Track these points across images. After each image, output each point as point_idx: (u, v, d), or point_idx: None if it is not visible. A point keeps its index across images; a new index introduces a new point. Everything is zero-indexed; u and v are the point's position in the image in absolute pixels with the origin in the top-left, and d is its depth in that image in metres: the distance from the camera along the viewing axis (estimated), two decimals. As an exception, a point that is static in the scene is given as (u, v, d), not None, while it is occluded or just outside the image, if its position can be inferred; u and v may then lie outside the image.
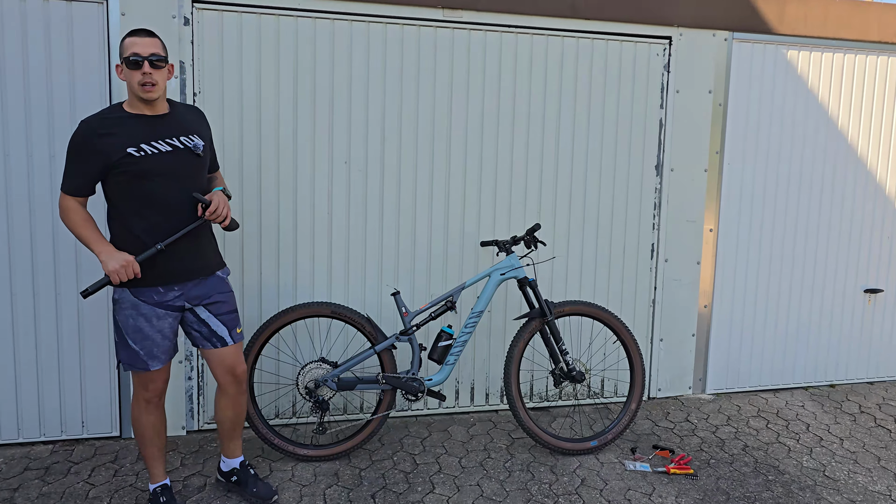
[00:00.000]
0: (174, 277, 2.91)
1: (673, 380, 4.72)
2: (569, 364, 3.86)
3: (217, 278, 3.07)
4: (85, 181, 2.81)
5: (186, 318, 3.03)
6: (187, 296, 2.96)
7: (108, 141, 2.74)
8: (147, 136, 2.80)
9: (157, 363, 2.94)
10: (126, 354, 2.93)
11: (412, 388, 3.73)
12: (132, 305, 2.86)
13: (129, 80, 2.79)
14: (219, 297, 3.06)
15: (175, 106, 2.99)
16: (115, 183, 2.80)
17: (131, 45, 2.77)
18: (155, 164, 2.79)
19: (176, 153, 2.86)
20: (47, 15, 3.56)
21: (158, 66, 2.80)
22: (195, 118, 3.05)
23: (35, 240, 3.66)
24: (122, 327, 2.90)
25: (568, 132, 4.33)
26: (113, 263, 2.75)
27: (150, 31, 2.85)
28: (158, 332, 2.91)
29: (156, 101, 2.84)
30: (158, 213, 2.83)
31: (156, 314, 2.89)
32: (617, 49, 4.36)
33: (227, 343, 3.08)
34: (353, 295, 4.11)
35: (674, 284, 4.62)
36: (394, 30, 4.00)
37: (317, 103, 3.94)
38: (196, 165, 2.95)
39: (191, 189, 2.91)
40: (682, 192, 4.56)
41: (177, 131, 2.90)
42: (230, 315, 3.10)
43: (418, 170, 4.12)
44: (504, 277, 3.85)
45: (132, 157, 2.76)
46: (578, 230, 4.42)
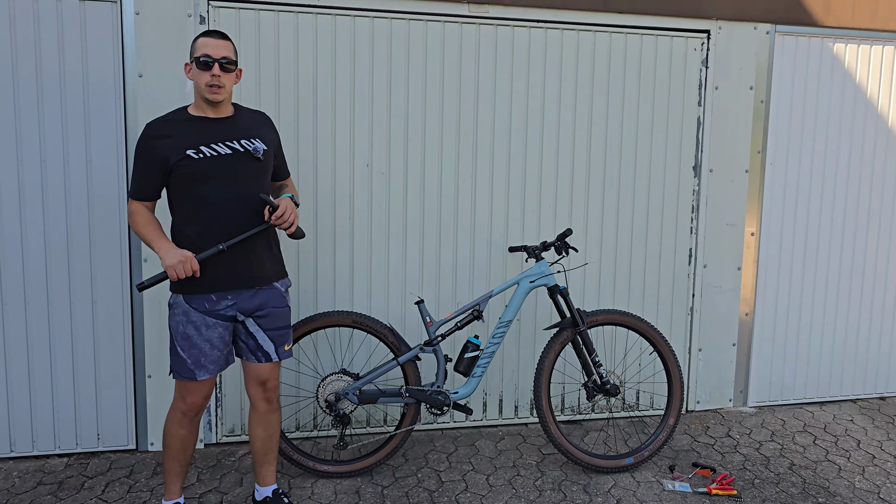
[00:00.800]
0: (226, 285, 2.80)
1: (712, 392, 4.48)
2: (602, 376, 3.65)
3: (274, 290, 2.94)
4: (148, 184, 2.77)
5: (237, 328, 2.92)
6: (241, 307, 2.85)
7: (167, 143, 2.71)
8: (207, 138, 2.75)
9: (203, 373, 2.82)
10: (174, 361, 2.85)
11: (437, 401, 3.55)
12: (183, 312, 2.78)
13: (196, 80, 2.75)
14: (272, 310, 2.93)
15: (240, 110, 2.93)
16: (175, 186, 2.76)
17: (203, 46, 2.73)
18: (212, 167, 2.73)
19: (235, 156, 2.78)
20: (60, 15, 3.45)
21: (228, 69, 2.77)
22: (260, 122, 2.98)
23: (49, 247, 3.55)
24: (173, 333, 2.82)
25: (600, 132, 4.12)
26: (171, 258, 2.67)
27: (224, 34, 2.80)
28: (207, 341, 2.80)
29: (220, 103, 2.79)
30: (213, 216, 2.75)
31: (205, 323, 2.79)
32: (652, 44, 4.14)
33: (272, 359, 2.96)
34: (375, 303, 3.94)
35: (713, 291, 4.38)
36: (417, 26, 3.83)
37: (337, 104, 3.78)
38: (256, 169, 2.85)
39: (249, 193, 2.82)
40: (721, 193, 4.32)
41: (238, 134, 2.82)
42: (280, 331, 2.97)
43: (443, 172, 3.95)
44: (534, 285, 3.65)
45: (190, 158, 2.71)
46: (612, 235, 4.21)
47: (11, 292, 3.54)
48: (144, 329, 3.67)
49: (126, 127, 3.56)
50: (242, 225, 2.78)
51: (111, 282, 3.63)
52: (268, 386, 2.99)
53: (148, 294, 3.64)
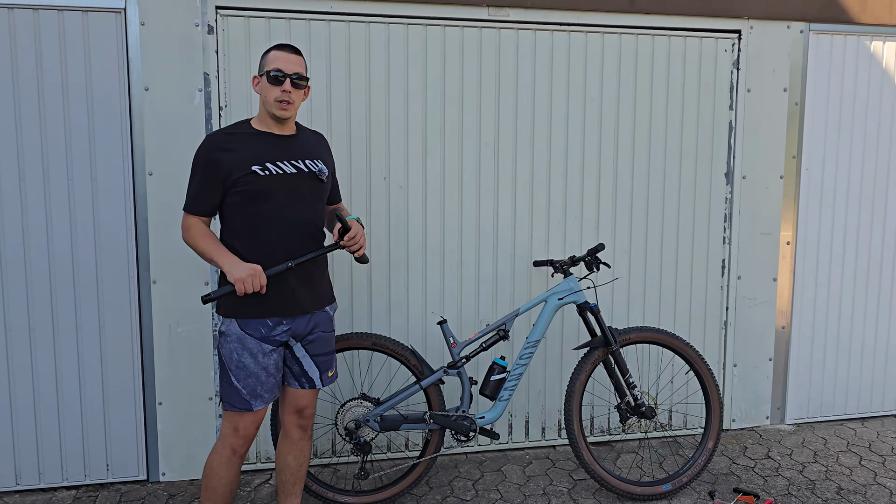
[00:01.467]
0: (287, 310, 2.66)
1: (749, 409, 4.26)
2: (637, 398, 3.46)
3: (325, 314, 2.82)
4: (207, 199, 2.62)
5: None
6: (294, 331, 2.72)
7: (231, 157, 2.58)
8: (272, 156, 2.62)
9: (259, 402, 2.67)
10: (227, 391, 2.68)
11: (463, 427, 3.36)
12: (238, 339, 2.62)
13: (265, 94, 2.63)
14: (320, 334, 2.80)
15: (302, 129, 2.82)
16: (233, 202, 2.61)
17: (275, 60, 2.62)
18: (277, 185, 2.60)
19: (300, 176, 2.67)
20: (62, 26, 3.29)
21: (299, 85, 2.65)
22: (320, 144, 2.87)
23: (53, 269, 3.39)
24: (226, 362, 2.66)
25: (627, 138, 3.93)
26: (239, 271, 2.52)
27: (296, 49, 2.69)
28: (263, 369, 2.65)
29: (287, 120, 2.68)
30: (270, 235, 2.62)
31: (262, 350, 2.64)
32: (680, 45, 3.95)
33: (316, 386, 2.82)
34: (395, 324, 3.76)
35: (748, 304, 4.17)
36: (435, 32, 3.65)
37: (352, 114, 3.61)
38: (318, 191, 2.75)
39: (308, 215, 2.70)
40: (755, 201, 4.11)
41: (302, 154, 2.71)
42: (327, 357, 2.84)
43: (464, 184, 3.76)
44: (562, 302, 3.46)
45: (255, 175, 2.57)
46: (640, 246, 4.01)
47: (15, 317, 3.38)
48: (154, 354, 3.50)
49: (132, 143, 3.40)
50: (299, 247, 2.66)
51: (119, 305, 3.47)
52: (305, 413, 2.84)
53: (158, 318, 3.47)
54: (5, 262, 3.34)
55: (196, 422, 3.55)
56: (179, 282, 3.47)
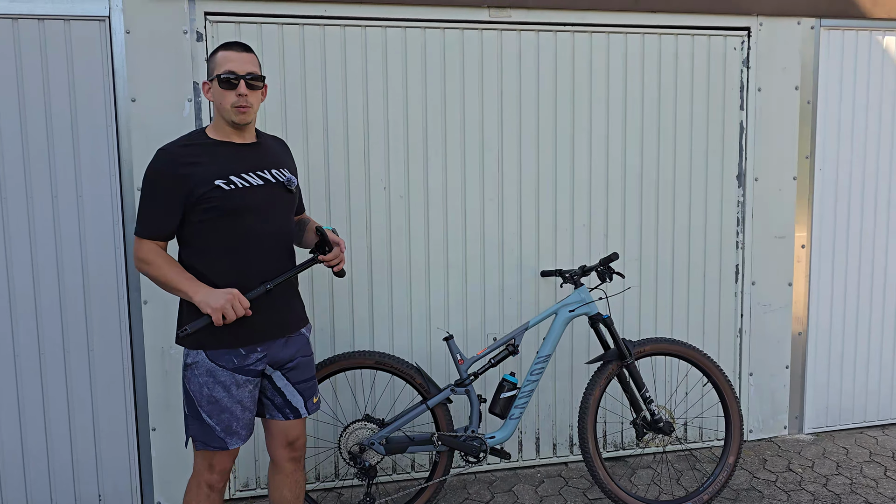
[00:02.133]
0: (259, 336, 2.44)
1: (766, 419, 4.11)
2: (654, 413, 3.30)
3: (302, 338, 2.61)
4: (167, 220, 2.36)
5: (262, 383, 2.55)
6: (271, 359, 2.49)
7: (192, 171, 2.33)
8: (237, 167, 2.39)
9: (236, 440, 2.45)
10: (199, 430, 2.43)
11: (473, 448, 3.20)
12: (208, 372, 2.39)
13: (219, 100, 2.38)
14: (301, 361, 2.58)
15: (263, 135, 2.59)
16: (196, 221, 2.36)
17: (225, 61, 2.37)
18: (245, 199, 2.38)
19: (268, 187, 2.45)
20: (43, 36, 3.13)
21: (255, 86, 2.40)
22: (284, 151, 2.66)
23: (39, 292, 3.22)
24: (195, 398, 2.41)
25: (635, 141, 3.78)
26: (216, 300, 2.28)
27: (247, 46, 2.44)
28: (238, 402, 2.42)
29: (247, 127, 2.45)
30: (242, 256, 2.40)
31: (235, 381, 2.41)
32: (688, 44, 3.80)
33: (301, 415, 2.59)
34: (398, 341, 3.59)
35: (763, 310, 4.02)
36: (434, 35, 3.50)
37: (349, 121, 3.45)
38: (288, 203, 2.54)
39: (281, 230, 2.50)
40: (768, 204, 3.97)
41: (268, 163, 2.49)
42: (309, 383, 2.62)
43: (467, 192, 3.61)
44: (573, 315, 3.31)
45: (220, 190, 2.34)
46: (651, 253, 3.86)
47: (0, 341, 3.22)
48: (147, 378, 3.33)
49: (119, 158, 3.24)
50: (276, 265, 2.46)
51: (108, 327, 3.30)
52: (297, 445, 2.62)
53: (149, 340, 3.30)
54: (-13, 285, 3.18)
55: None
56: (172, 302, 3.28)
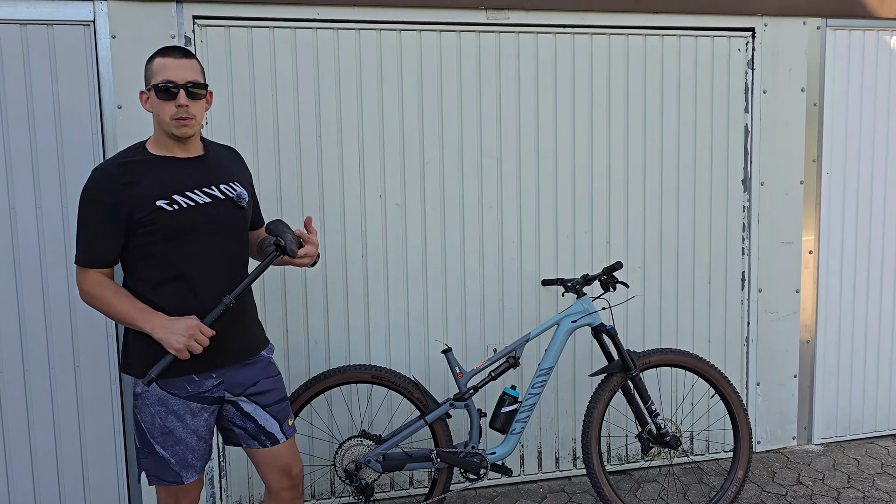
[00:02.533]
0: (214, 360, 2.25)
1: (774, 430, 4.00)
2: (660, 427, 3.19)
3: (263, 360, 2.41)
4: (107, 247, 2.18)
5: (225, 412, 2.37)
6: (228, 384, 2.30)
7: (130, 192, 2.13)
8: (181, 185, 2.20)
9: (192, 473, 2.28)
10: (152, 463, 2.26)
11: (473, 465, 3.09)
12: (159, 401, 2.21)
13: (158, 112, 2.19)
14: (266, 383, 2.38)
15: (210, 146, 2.38)
16: (138, 246, 2.18)
17: (162, 69, 2.17)
18: (191, 220, 2.19)
19: (216, 205, 2.25)
20: (25, 41, 3.03)
21: (197, 95, 2.20)
22: (235, 161, 2.45)
23: (23, 308, 3.11)
24: (147, 429, 2.23)
25: (638, 145, 3.68)
26: (177, 334, 2.10)
27: (186, 51, 2.24)
28: (193, 432, 2.25)
29: (190, 139, 2.25)
30: (191, 282, 2.21)
31: (189, 410, 2.23)
32: (691, 45, 3.70)
33: (279, 440, 2.40)
34: (395, 354, 3.49)
35: (770, 318, 3.92)
36: (430, 38, 3.40)
37: (343, 127, 3.35)
38: (240, 220, 2.34)
39: (234, 251, 2.32)
40: (774, 209, 3.87)
41: (216, 178, 2.29)
42: (281, 405, 2.42)
43: (465, 198, 3.50)
44: (576, 325, 3.20)
45: (163, 211, 2.15)
46: (655, 261, 3.75)
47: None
48: (135, 394, 3.22)
49: (105, 166, 3.13)
50: (230, 287, 2.24)
51: (96, 342, 3.19)
52: (293, 472, 2.44)
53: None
54: (-31, 300, 3.07)
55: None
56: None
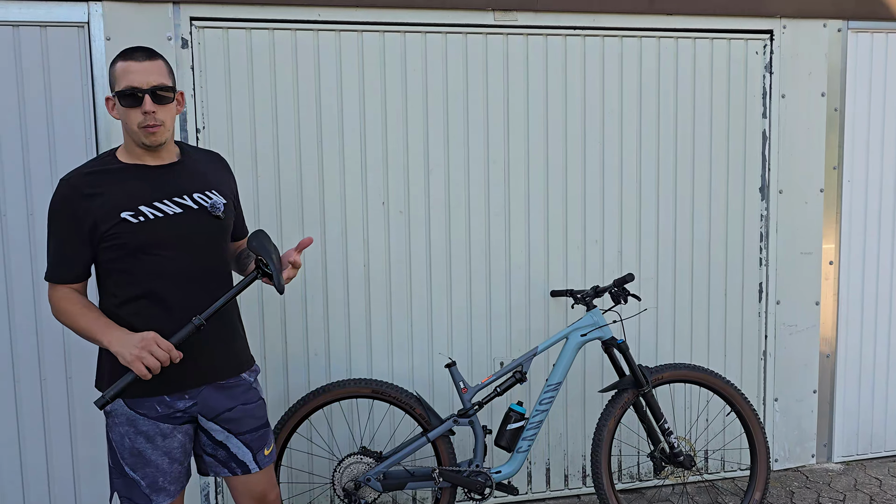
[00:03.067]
0: (187, 380, 2.12)
1: (792, 447, 3.85)
2: (673, 446, 3.06)
3: (243, 384, 2.26)
4: (74, 261, 2.07)
5: (198, 437, 2.25)
6: (202, 406, 2.17)
7: (95, 204, 2.01)
8: (149, 195, 2.06)
9: (164, 497, 2.15)
10: (122, 485, 2.14)
11: (477, 484, 2.97)
12: (128, 421, 2.09)
13: (124, 119, 2.04)
14: (242, 409, 2.23)
15: (186, 151, 2.24)
16: (106, 260, 2.06)
17: (125, 74, 2.02)
18: (159, 232, 2.05)
19: (188, 215, 2.11)
20: (17, 43, 2.94)
21: (164, 98, 2.05)
22: (215, 167, 2.30)
23: (13, 314, 3.01)
24: (117, 449, 2.12)
25: (651, 153, 3.55)
26: (129, 348, 1.93)
27: (151, 51, 2.09)
28: (165, 454, 2.13)
29: (161, 145, 2.10)
30: (167, 299, 2.07)
31: (160, 432, 2.11)
32: (707, 49, 3.57)
33: (250, 469, 2.26)
34: (398, 367, 3.36)
35: (788, 331, 3.77)
36: (435, 39, 3.29)
37: (345, 132, 3.24)
38: (216, 231, 2.19)
39: (209, 264, 2.17)
40: (793, 218, 3.72)
41: (189, 186, 2.15)
42: (257, 433, 2.27)
43: (471, 207, 3.38)
44: (585, 339, 3.07)
45: (127, 223, 2.02)
46: (669, 272, 3.62)
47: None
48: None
49: (98, 172, 3.03)
50: (206, 304, 2.08)
51: (90, 354, 3.07)
52: (268, 500, 2.33)
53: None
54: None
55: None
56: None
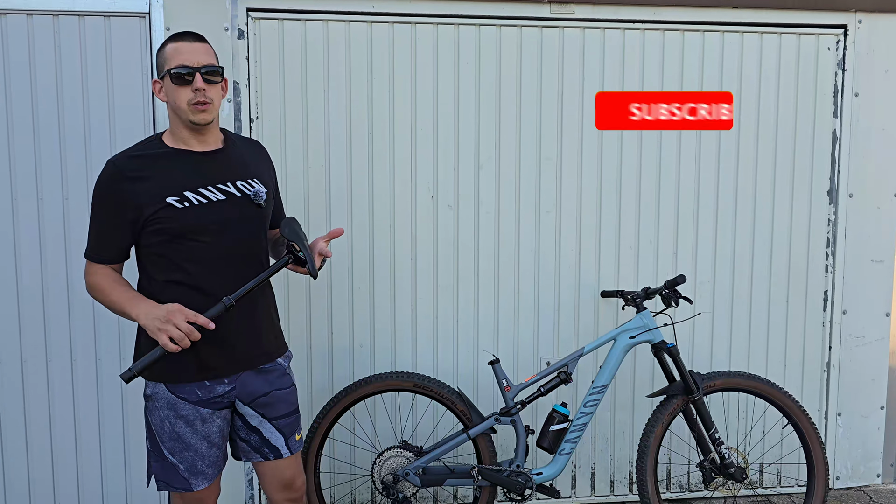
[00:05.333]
0: (227, 366, 2.16)
1: (856, 466, 3.65)
2: (724, 457, 2.93)
3: (278, 368, 2.31)
4: (114, 243, 2.12)
5: (234, 422, 2.28)
6: (241, 391, 2.21)
7: (141, 187, 2.05)
8: (194, 181, 2.11)
9: (202, 481, 2.20)
10: (161, 469, 2.19)
11: (517, 485, 2.91)
12: (169, 404, 2.13)
13: (173, 100, 2.10)
14: (278, 394, 2.28)
15: (230, 139, 2.28)
16: (148, 245, 2.11)
17: (176, 54, 2.09)
18: (202, 219, 2.09)
19: (231, 203, 2.15)
20: (83, 32, 3.03)
21: (213, 80, 2.11)
22: (256, 156, 2.35)
23: (47, 297, 3.09)
24: (157, 432, 2.17)
25: (711, 152, 3.41)
26: (154, 319, 1.97)
27: (199, 35, 2.17)
28: (204, 439, 2.17)
29: (208, 129, 2.16)
30: (205, 285, 2.11)
31: (200, 416, 2.15)
32: (774, 44, 3.42)
33: (282, 454, 2.30)
34: (442, 362, 3.33)
35: (855, 343, 3.57)
36: (489, 33, 3.24)
37: (396, 125, 3.23)
38: (257, 219, 2.23)
39: (249, 252, 2.20)
40: (864, 223, 3.52)
41: (233, 174, 2.19)
42: (289, 419, 2.32)
43: (521, 203, 3.32)
44: (634, 342, 2.98)
45: (173, 208, 2.06)
46: (727, 275, 3.47)
47: (6, 348, 3.09)
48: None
49: (155, 159, 3.11)
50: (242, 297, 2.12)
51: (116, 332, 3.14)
52: (295, 486, 2.35)
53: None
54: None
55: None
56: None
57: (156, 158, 2.12)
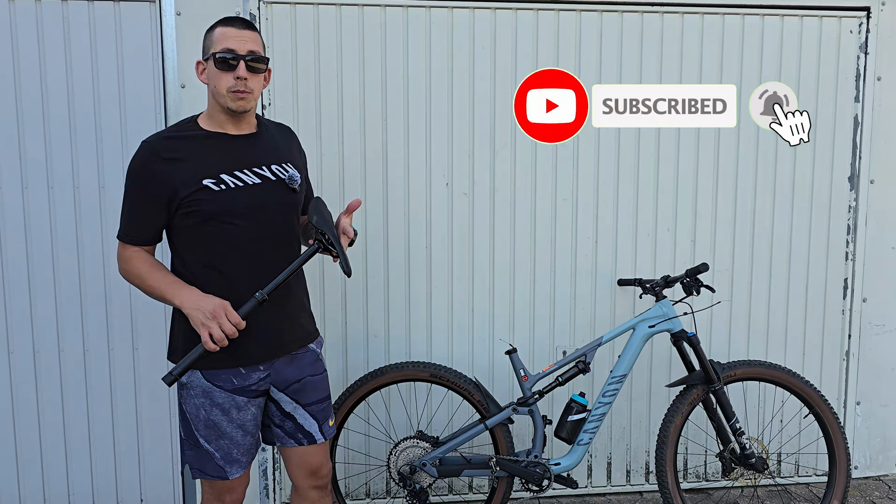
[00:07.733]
0: (261, 353, 2.16)
1: (875, 455, 3.61)
2: (744, 447, 2.90)
3: (311, 354, 2.30)
4: (149, 223, 2.11)
5: (268, 408, 2.28)
6: (275, 378, 2.21)
7: (176, 169, 2.05)
8: (229, 164, 2.10)
9: (237, 469, 2.20)
10: (195, 456, 2.19)
11: (535, 475, 2.89)
12: (204, 392, 2.13)
13: (214, 83, 2.09)
14: (311, 380, 2.28)
15: (263, 124, 2.28)
16: (182, 227, 2.10)
17: (223, 39, 2.07)
18: (238, 202, 2.08)
19: (266, 186, 2.14)
20: (92, 18, 2.98)
21: (257, 69, 2.11)
22: (288, 141, 2.34)
23: (84, 287, 3.08)
24: (192, 420, 2.16)
25: (731, 137, 3.36)
26: (200, 315, 1.96)
27: (250, 23, 2.15)
28: (239, 427, 2.17)
29: (245, 115, 2.15)
30: (239, 269, 2.11)
31: (235, 404, 2.15)
32: (795, 27, 3.35)
33: (316, 440, 2.29)
34: (458, 352, 3.30)
35: (875, 331, 3.52)
36: (505, 17, 3.19)
37: (410, 111, 3.18)
38: (291, 204, 2.23)
39: (281, 236, 2.19)
40: (885, 209, 3.47)
41: (268, 158, 2.18)
42: (322, 405, 2.31)
43: (537, 189, 3.28)
44: (653, 331, 2.94)
45: (209, 191, 2.05)
46: (745, 263, 3.43)
47: (44, 338, 3.09)
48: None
49: (167, 146, 3.07)
50: (270, 276, 2.09)
51: (154, 324, 3.13)
52: (321, 473, 2.34)
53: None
54: (34, 284, 3.05)
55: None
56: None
57: (191, 140, 2.11)
